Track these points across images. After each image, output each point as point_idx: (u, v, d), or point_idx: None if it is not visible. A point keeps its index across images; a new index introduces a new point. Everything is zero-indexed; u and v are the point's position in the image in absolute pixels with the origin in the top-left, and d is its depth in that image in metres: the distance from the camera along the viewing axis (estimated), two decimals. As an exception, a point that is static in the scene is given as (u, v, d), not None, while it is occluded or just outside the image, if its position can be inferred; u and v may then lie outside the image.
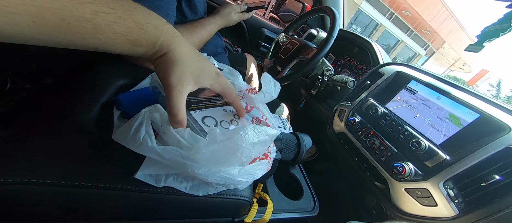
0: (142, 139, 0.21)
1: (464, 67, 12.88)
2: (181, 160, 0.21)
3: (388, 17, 8.52)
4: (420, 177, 0.47)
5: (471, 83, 16.28)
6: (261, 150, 0.27)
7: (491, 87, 18.69)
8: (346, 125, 0.67)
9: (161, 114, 0.24)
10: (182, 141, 0.22)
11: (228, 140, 0.23)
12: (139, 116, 0.22)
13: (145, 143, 0.21)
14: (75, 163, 0.22)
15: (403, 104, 0.58)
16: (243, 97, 0.45)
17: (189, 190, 0.25)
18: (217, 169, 0.22)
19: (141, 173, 0.22)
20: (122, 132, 0.22)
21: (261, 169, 0.27)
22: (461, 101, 0.48)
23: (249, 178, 0.25)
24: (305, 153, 0.47)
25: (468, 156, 0.42)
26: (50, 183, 0.19)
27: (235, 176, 0.23)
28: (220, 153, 0.22)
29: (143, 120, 0.22)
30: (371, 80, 0.68)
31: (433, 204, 0.45)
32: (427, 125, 0.52)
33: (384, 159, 0.54)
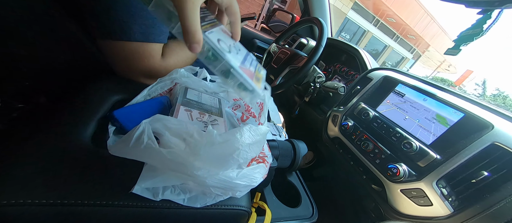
0: (146, 144, 0.21)
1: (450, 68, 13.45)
2: (182, 161, 0.21)
3: (374, 24, 8.91)
4: (414, 178, 0.48)
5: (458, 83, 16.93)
6: (256, 150, 0.27)
7: (477, 86, 19.45)
8: (340, 129, 0.68)
9: (163, 122, 0.24)
10: (187, 139, 0.23)
11: (225, 142, 0.24)
12: (140, 126, 0.22)
13: (149, 147, 0.21)
14: (71, 181, 0.21)
15: (392, 107, 0.60)
16: (239, 106, 0.46)
17: (187, 202, 0.25)
18: (216, 171, 0.23)
19: (138, 187, 0.22)
20: (121, 144, 0.22)
21: (259, 172, 0.27)
22: (446, 102, 0.50)
23: (247, 181, 0.25)
24: (301, 159, 0.47)
25: (457, 154, 0.44)
26: (46, 203, 0.19)
27: (233, 179, 0.23)
28: (218, 154, 0.23)
29: (144, 128, 0.22)
30: (361, 85, 0.70)
31: (429, 203, 0.46)
32: (416, 126, 0.54)
33: (378, 161, 0.56)
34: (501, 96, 18.81)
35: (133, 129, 0.22)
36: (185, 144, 0.23)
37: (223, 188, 0.24)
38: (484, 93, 19.50)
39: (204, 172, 0.22)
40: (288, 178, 0.50)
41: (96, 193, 0.21)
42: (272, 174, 0.41)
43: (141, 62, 0.42)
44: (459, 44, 0.45)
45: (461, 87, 18.72)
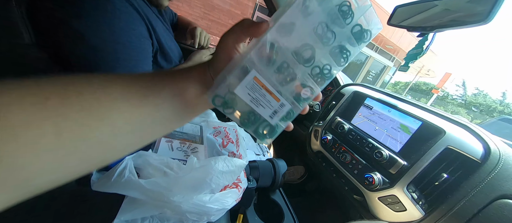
0: (127, 177, 0.23)
1: (429, 73, 14.29)
2: (159, 189, 0.24)
3: (354, 38, 9.55)
4: (388, 185, 0.51)
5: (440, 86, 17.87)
6: (230, 178, 0.30)
7: (458, 87, 20.55)
8: (321, 143, 0.72)
9: (144, 157, 0.27)
10: (167, 171, 0.25)
11: (201, 167, 0.27)
12: (123, 162, 0.25)
13: (130, 180, 0.23)
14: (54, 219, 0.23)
15: (364, 120, 0.66)
16: (219, 133, 0.49)
17: None
18: (190, 195, 0.25)
19: (118, 221, 0.24)
20: (103, 180, 0.24)
21: (231, 197, 0.30)
22: (406, 112, 0.56)
23: (219, 205, 0.27)
24: (281, 177, 0.50)
25: (420, 159, 0.48)
26: None
27: (206, 203, 0.26)
28: (193, 180, 0.26)
29: (127, 164, 0.25)
30: (336, 101, 0.76)
31: (403, 209, 0.49)
32: (385, 135, 0.58)
33: (356, 172, 0.59)
34: (481, 94, 19.90)
35: (116, 165, 0.25)
36: (165, 175, 0.26)
37: (197, 212, 0.27)
38: (465, 93, 20.55)
39: (179, 198, 0.24)
40: (271, 196, 0.52)
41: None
42: (252, 195, 0.43)
43: None
44: (407, 62, 0.52)
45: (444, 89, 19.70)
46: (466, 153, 0.43)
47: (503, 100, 19.62)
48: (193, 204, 0.25)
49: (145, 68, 0.47)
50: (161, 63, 0.55)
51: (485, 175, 0.41)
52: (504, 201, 0.38)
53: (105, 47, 0.39)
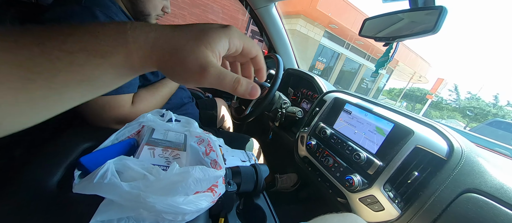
0: (109, 179, 0.25)
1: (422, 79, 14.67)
2: (137, 191, 0.25)
3: (346, 47, 9.87)
4: (366, 185, 0.54)
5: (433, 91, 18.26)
6: (204, 186, 0.32)
7: (451, 92, 21.00)
8: (306, 148, 0.75)
9: (125, 161, 0.29)
10: (147, 175, 0.27)
11: (178, 174, 0.29)
12: (105, 165, 0.26)
13: (112, 182, 0.25)
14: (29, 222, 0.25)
15: (344, 124, 0.69)
16: (203, 141, 0.51)
17: None
18: (165, 197, 0.27)
19: (94, 221, 0.26)
20: (85, 182, 0.26)
21: (205, 200, 0.32)
22: (380, 115, 0.59)
23: (193, 207, 0.29)
24: (263, 182, 0.52)
25: (393, 159, 0.51)
26: None
27: (179, 204, 0.28)
28: (169, 183, 0.28)
29: (108, 167, 0.26)
30: (319, 107, 0.80)
31: (381, 208, 0.50)
32: (363, 138, 0.61)
33: (338, 174, 0.61)
34: (474, 98, 20.33)
35: (98, 168, 0.27)
36: (145, 179, 0.29)
37: (172, 212, 0.29)
38: (459, 98, 20.98)
39: (154, 199, 0.26)
40: (255, 201, 0.53)
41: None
42: (233, 199, 0.45)
43: (112, 111, 0.47)
44: (377, 68, 0.56)
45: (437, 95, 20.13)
46: (433, 151, 0.46)
47: (496, 103, 20.03)
48: (167, 205, 0.27)
49: (132, 81, 0.50)
50: (148, 77, 0.58)
51: (450, 171, 0.43)
52: (468, 195, 0.41)
53: None
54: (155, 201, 0.27)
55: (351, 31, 8.18)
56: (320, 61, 9.68)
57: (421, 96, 20.70)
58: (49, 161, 0.34)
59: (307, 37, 8.38)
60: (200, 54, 0.18)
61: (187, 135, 0.51)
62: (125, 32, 0.17)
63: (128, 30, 0.17)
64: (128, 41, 0.17)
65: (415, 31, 0.49)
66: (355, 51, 10.19)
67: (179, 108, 0.73)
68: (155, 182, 0.28)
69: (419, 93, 21.36)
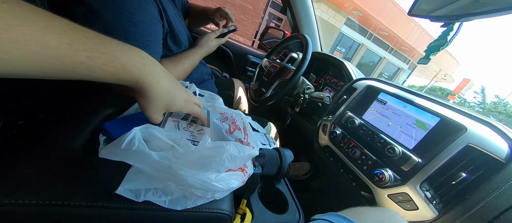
0: (137, 147, 0.23)
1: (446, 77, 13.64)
2: (168, 162, 0.23)
3: (368, 38, 9.25)
4: (399, 182, 0.49)
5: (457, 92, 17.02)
6: (237, 164, 0.29)
7: (477, 94, 19.52)
8: (329, 138, 0.70)
9: (151, 130, 0.26)
10: (176, 146, 0.25)
11: (212, 148, 0.26)
12: (131, 132, 0.24)
13: (140, 150, 0.23)
14: (58, 184, 0.23)
15: (376, 115, 0.63)
16: (227, 119, 0.48)
17: (168, 204, 0.26)
18: (197, 172, 0.25)
19: (122, 188, 0.24)
20: (111, 147, 0.24)
21: (236, 179, 0.29)
22: (423, 107, 0.53)
23: (224, 185, 0.27)
24: (287, 166, 0.49)
25: (436, 157, 0.45)
26: (30, 203, 0.21)
27: (212, 180, 0.25)
28: (201, 158, 0.25)
29: (135, 134, 0.24)
30: (347, 95, 0.73)
31: (415, 207, 0.46)
32: (399, 131, 0.56)
33: (365, 167, 0.57)
34: (502, 103, 18.81)
35: (125, 134, 0.25)
36: (174, 150, 0.26)
37: (203, 188, 0.26)
38: (484, 101, 19.50)
39: (186, 172, 0.24)
40: (276, 186, 0.51)
41: (80, 195, 0.23)
42: (257, 181, 0.42)
43: None
44: (428, 54, 0.49)
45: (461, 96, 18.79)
46: (489, 152, 0.40)
47: (525, 111, 18.45)
48: (199, 180, 0.25)
49: (156, 49, 0.47)
50: (171, 46, 0.55)
51: (510, 176, 0.37)
52: (530, 205, 0.35)
53: (117, 24, 0.39)
54: (187, 174, 0.24)
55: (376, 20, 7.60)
56: (339, 50, 9.21)
57: (442, 96, 19.45)
58: (73, 125, 0.33)
59: (327, 23, 7.92)
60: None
61: (210, 111, 0.48)
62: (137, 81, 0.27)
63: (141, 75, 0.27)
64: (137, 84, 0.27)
65: (487, 8, 0.40)
66: (378, 42, 9.55)
67: (199, 85, 0.70)
68: (186, 155, 0.25)
69: (441, 92, 20.05)
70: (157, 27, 0.47)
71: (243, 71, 1.28)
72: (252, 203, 0.41)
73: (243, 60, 1.25)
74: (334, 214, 0.39)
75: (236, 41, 1.28)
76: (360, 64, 10.33)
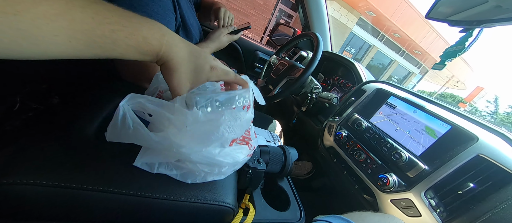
0: (133, 128, 0.23)
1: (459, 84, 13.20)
2: (168, 142, 0.23)
3: (379, 39, 9.01)
4: (403, 188, 0.49)
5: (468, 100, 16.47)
6: (238, 131, 0.28)
7: (489, 103, 18.85)
8: (334, 139, 0.70)
9: (138, 99, 0.26)
10: (170, 117, 0.25)
11: (208, 121, 0.26)
12: (119, 109, 0.24)
13: (138, 131, 0.23)
14: (72, 168, 0.24)
15: (384, 119, 0.62)
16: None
17: (179, 177, 0.27)
18: (199, 148, 0.25)
19: (138, 161, 0.25)
20: (112, 129, 0.24)
21: (241, 153, 0.29)
22: (434, 114, 0.52)
23: (230, 159, 0.27)
24: (292, 165, 0.49)
25: (444, 165, 0.45)
26: (45, 184, 0.22)
27: (215, 156, 0.26)
28: (200, 132, 0.25)
29: (124, 111, 0.24)
30: (355, 97, 0.72)
31: (417, 214, 0.46)
32: (407, 137, 0.55)
33: (370, 171, 0.56)
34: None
35: (115, 113, 0.24)
36: (170, 123, 0.25)
37: (208, 164, 0.27)
38: (497, 110, 18.82)
39: (187, 149, 0.24)
40: (279, 183, 0.51)
41: (92, 179, 0.24)
42: (261, 177, 0.43)
43: (147, 70, 0.46)
44: (444, 59, 0.47)
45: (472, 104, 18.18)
46: (499, 163, 0.39)
47: (540, 124, 17.69)
48: (203, 157, 0.25)
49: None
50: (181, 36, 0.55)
51: (520, 190, 0.37)
52: (539, 220, 0.34)
53: None
54: (189, 151, 0.24)
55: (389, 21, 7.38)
56: (348, 51, 9.03)
57: (453, 103, 18.89)
58: (87, 111, 0.34)
59: (338, 22, 7.75)
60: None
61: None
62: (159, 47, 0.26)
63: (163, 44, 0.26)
64: (159, 55, 0.27)
65: (509, 15, 0.39)
66: (389, 44, 9.30)
67: (207, 78, 0.71)
68: (185, 132, 0.25)
69: (452, 99, 19.45)
70: (170, 19, 0.47)
71: (251, 67, 1.28)
72: (254, 199, 0.42)
73: (251, 56, 1.25)
74: (337, 217, 0.39)
75: (246, 37, 1.28)
76: (370, 66, 10.10)
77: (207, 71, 0.31)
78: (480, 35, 0.43)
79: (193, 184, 0.30)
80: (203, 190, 0.30)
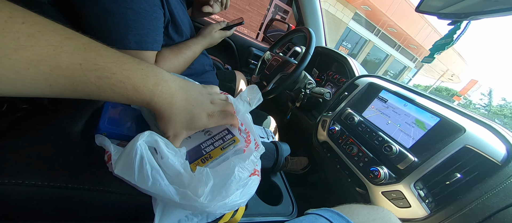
0: (152, 179, 0.21)
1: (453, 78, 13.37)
2: (193, 202, 0.22)
3: (375, 34, 9.04)
4: (394, 180, 0.50)
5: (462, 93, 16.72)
6: (250, 168, 0.28)
7: (483, 96, 19.16)
8: (328, 134, 0.71)
9: (158, 138, 0.24)
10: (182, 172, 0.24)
11: (222, 174, 0.25)
12: (135, 148, 0.22)
13: (157, 183, 0.21)
14: (58, 167, 0.24)
15: (376, 113, 0.63)
16: None
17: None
18: (223, 201, 0.24)
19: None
20: (123, 167, 0.22)
21: (254, 184, 0.29)
22: (424, 107, 0.52)
23: (246, 197, 0.27)
24: (284, 160, 0.49)
25: (433, 157, 0.46)
26: (30, 184, 0.22)
27: (237, 200, 0.25)
28: (218, 184, 0.24)
29: (142, 154, 0.22)
30: (348, 92, 0.73)
31: (407, 205, 0.47)
32: (397, 130, 0.56)
33: (362, 164, 0.57)
34: (508, 106, 18.47)
35: (129, 149, 0.22)
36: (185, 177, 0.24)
37: (231, 209, 0.26)
38: (490, 103, 19.15)
39: (214, 208, 0.23)
40: (272, 178, 0.52)
41: (80, 178, 0.24)
42: (253, 172, 0.43)
43: None
44: (433, 52, 0.48)
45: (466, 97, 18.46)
46: (485, 154, 0.40)
47: (532, 115, 18.09)
48: (227, 207, 0.24)
49: (156, 38, 0.47)
50: (172, 35, 0.55)
51: (504, 179, 0.38)
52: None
53: (116, 11, 0.39)
54: (216, 208, 0.23)
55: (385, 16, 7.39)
56: (344, 46, 9.04)
57: (447, 96, 19.14)
58: (72, 112, 0.33)
59: (334, 17, 7.73)
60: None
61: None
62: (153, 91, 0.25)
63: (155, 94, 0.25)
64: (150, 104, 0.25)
65: (497, 7, 0.39)
66: (385, 39, 9.34)
67: (200, 75, 0.70)
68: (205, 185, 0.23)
69: (446, 93, 19.71)
70: (158, 15, 0.46)
71: (245, 64, 1.27)
72: (247, 194, 0.42)
73: (246, 52, 1.24)
74: (328, 210, 0.40)
75: (240, 33, 1.27)
76: (366, 61, 10.15)
77: (205, 120, 0.29)
78: (467, 28, 0.43)
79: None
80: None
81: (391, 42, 9.61)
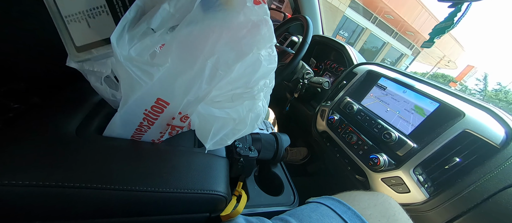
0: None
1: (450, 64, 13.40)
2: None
3: (372, 21, 8.92)
4: (393, 166, 0.50)
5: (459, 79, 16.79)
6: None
7: (479, 81, 19.27)
8: (327, 123, 0.70)
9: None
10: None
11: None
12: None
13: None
14: (53, 166, 0.24)
15: (375, 100, 0.62)
16: None
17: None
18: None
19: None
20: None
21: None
22: (423, 93, 0.52)
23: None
24: (284, 151, 0.49)
25: (432, 142, 0.46)
26: (24, 184, 0.21)
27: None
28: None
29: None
30: (347, 80, 0.72)
31: (406, 190, 0.47)
32: (397, 117, 0.55)
33: (361, 152, 0.57)
34: (503, 91, 18.61)
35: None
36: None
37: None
38: (485, 88, 19.29)
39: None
40: (273, 169, 0.52)
41: (75, 176, 0.23)
42: (253, 164, 0.43)
43: None
44: (433, 36, 0.47)
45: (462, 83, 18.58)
46: (484, 137, 0.40)
47: (526, 99, 18.30)
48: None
49: None
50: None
51: (502, 161, 0.38)
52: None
53: None
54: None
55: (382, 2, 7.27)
56: (341, 35, 8.93)
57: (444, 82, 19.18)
58: (66, 111, 0.32)
59: (330, 5, 7.59)
60: None
61: None
62: None
63: None
64: None
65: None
66: (382, 26, 9.23)
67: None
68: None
69: (443, 79, 19.78)
70: None
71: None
72: (248, 186, 0.42)
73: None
74: (328, 198, 0.40)
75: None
76: (363, 49, 10.07)
77: None
78: (468, 10, 0.42)
79: (182, 175, 0.29)
80: (193, 180, 0.30)
81: (388, 29, 9.52)
